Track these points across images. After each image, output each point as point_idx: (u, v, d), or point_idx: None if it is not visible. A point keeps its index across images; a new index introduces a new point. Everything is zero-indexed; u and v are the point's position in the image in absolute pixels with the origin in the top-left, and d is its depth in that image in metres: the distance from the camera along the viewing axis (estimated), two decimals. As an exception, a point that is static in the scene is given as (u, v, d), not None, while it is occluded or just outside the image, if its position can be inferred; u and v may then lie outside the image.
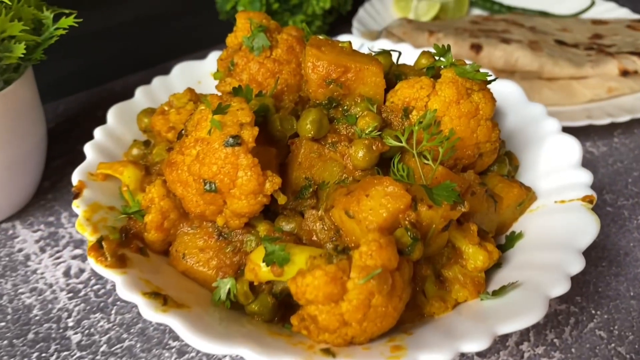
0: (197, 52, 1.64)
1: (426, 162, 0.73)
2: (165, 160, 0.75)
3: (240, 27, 0.88)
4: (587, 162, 1.22)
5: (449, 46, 0.79)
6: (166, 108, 0.89)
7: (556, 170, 0.87)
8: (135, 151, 0.91)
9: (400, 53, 0.90)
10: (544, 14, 1.72)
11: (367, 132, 0.75)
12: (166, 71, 1.17)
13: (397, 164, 0.74)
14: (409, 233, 0.64)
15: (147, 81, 1.12)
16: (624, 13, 1.64)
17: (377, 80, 0.78)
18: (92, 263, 0.70)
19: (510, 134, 0.99)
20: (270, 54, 0.86)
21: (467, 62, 0.82)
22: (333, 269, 0.58)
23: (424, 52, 0.87)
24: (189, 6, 1.69)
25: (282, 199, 0.72)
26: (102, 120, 1.00)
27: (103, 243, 0.71)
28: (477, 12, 1.78)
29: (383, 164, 0.77)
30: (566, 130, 1.22)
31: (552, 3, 1.76)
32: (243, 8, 1.41)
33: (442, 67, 0.80)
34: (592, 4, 1.70)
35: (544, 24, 1.61)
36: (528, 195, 0.84)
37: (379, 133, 0.75)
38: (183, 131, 0.75)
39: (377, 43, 1.18)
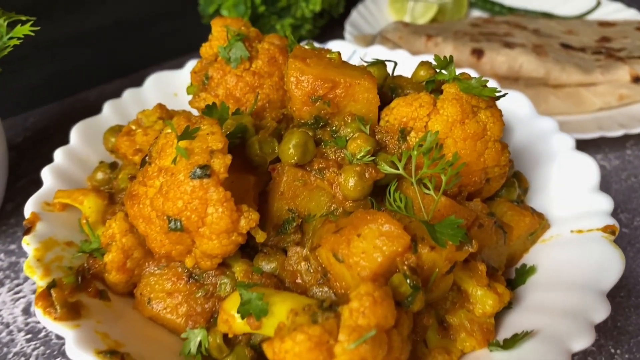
0: (179, 58, 1.54)
1: (427, 191, 0.63)
2: (127, 191, 0.65)
3: (215, 36, 0.78)
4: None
5: (451, 57, 0.70)
6: (133, 127, 0.79)
7: (571, 194, 0.78)
8: (100, 175, 0.82)
9: (395, 64, 0.81)
10: (547, 16, 1.62)
11: (358, 157, 0.65)
12: (144, 80, 1.07)
13: (393, 193, 0.65)
14: (408, 281, 0.54)
15: (124, 90, 1.02)
16: (632, 14, 1.55)
17: (369, 97, 0.68)
18: (39, 315, 0.60)
19: (518, 151, 0.89)
20: (250, 66, 0.77)
21: (472, 74, 0.73)
22: (318, 332, 0.48)
23: (422, 63, 0.77)
24: (170, 9, 1.59)
25: (260, 237, 0.62)
26: (73, 136, 0.90)
27: (52, 291, 0.61)
28: (476, 13, 1.68)
29: (378, 191, 0.67)
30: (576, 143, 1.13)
31: (556, 4, 1.66)
32: (227, 11, 1.32)
33: (444, 80, 0.70)
34: (598, 4, 1.61)
35: (548, 26, 1.51)
36: (541, 224, 0.75)
37: (372, 158, 0.65)
38: (147, 157, 0.65)
39: (370, 50, 1.08)
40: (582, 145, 1.16)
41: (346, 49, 1.09)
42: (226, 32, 0.77)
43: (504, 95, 0.69)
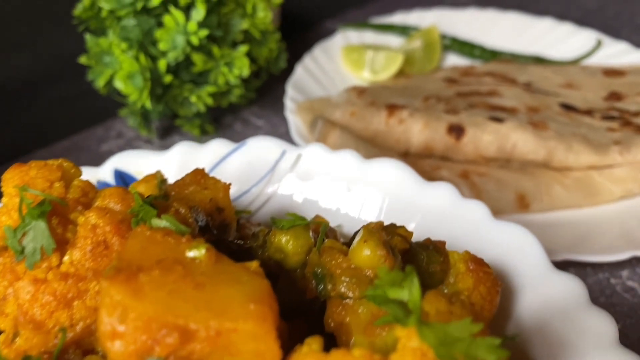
0: (77, 134, 1.20)
1: None
2: None
3: (7, 205, 0.45)
4: (628, 306, 0.83)
5: (411, 271, 0.37)
6: None
7: None
8: None
9: (326, 226, 0.48)
10: (539, 61, 1.32)
11: None
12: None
13: None
14: None
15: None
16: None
17: (259, 350, 0.36)
18: None
19: (526, 330, 0.58)
20: (60, 262, 0.43)
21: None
22: None
23: (366, 234, 0.45)
24: (65, 69, 1.24)
25: None
26: None
27: None
28: (452, 59, 1.37)
29: None
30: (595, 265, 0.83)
31: (548, 44, 1.36)
32: (122, 83, 0.98)
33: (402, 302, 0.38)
34: (599, 45, 1.31)
35: (543, 77, 1.21)
36: None
37: None
38: None
39: (307, 152, 0.76)
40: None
41: (271, 150, 0.77)
42: (21, 197, 0.44)
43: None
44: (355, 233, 0.51)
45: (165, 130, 1.21)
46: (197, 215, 0.49)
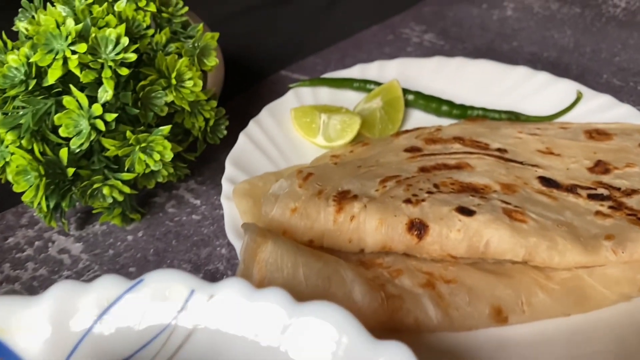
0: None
1: None
2: None
3: None
4: None
5: None
6: None
7: None
8: None
9: None
10: (514, 116, 1.18)
11: None
12: None
13: None
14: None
15: None
16: (627, 113, 1.11)
17: None
18: None
19: None
20: None
21: None
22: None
23: None
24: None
25: None
26: None
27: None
28: (417, 115, 1.22)
29: None
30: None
31: (522, 97, 1.22)
32: (12, 178, 0.81)
33: None
34: (579, 98, 1.18)
35: (519, 141, 1.07)
36: None
37: None
38: None
39: (221, 288, 0.59)
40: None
41: (176, 290, 0.60)
42: None
43: None
44: None
45: (87, 216, 1.03)
46: None
